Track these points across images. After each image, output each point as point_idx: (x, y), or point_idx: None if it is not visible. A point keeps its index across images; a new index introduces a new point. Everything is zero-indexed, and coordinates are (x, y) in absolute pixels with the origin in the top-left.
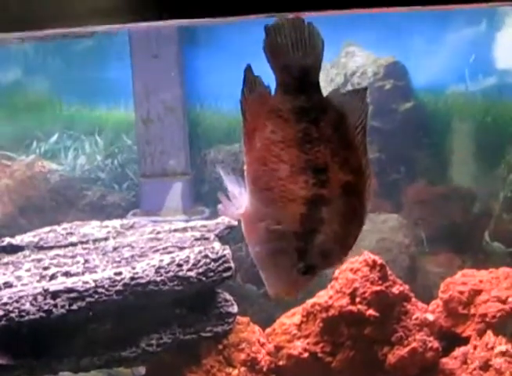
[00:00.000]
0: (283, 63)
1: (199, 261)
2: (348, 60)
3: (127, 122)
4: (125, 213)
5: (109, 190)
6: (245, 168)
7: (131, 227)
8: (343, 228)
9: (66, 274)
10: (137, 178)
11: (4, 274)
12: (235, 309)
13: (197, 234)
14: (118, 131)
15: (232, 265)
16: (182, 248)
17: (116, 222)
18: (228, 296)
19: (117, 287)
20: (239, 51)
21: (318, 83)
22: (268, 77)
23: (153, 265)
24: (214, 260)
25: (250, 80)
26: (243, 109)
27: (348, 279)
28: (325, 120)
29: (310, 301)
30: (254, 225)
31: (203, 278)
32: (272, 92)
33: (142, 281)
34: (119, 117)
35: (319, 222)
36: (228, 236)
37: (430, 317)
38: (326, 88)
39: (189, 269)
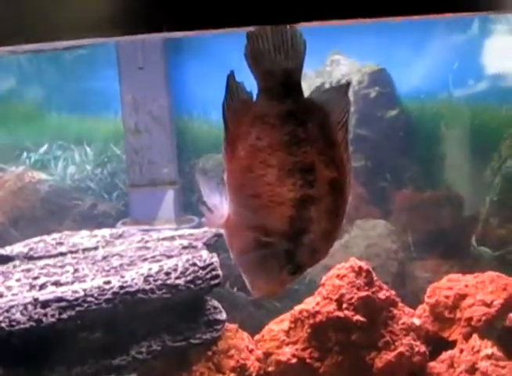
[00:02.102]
0: (265, 68)
1: (187, 269)
2: (333, 69)
3: (116, 132)
4: (115, 222)
5: (99, 200)
6: (225, 177)
7: (121, 236)
8: (329, 224)
9: (56, 283)
10: (126, 187)
11: None
12: (223, 315)
13: (185, 243)
14: (107, 141)
15: (219, 272)
16: (170, 257)
17: (105, 232)
18: (216, 303)
19: (107, 296)
20: (226, 59)
21: (300, 85)
22: (251, 84)
23: (142, 274)
24: (202, 268)
25: (233, 87)
26: (225, 117)
27: (335, 285)
28: (310, 120)
29: (298, 308)
30: (239, 234)
31: (192, 286)
32: (254, 98)
33: (131, 290)
34: (108, 126)
35: (308, 222)
36: (217, 243)
37: (417, 322)
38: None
39: (178, 277)
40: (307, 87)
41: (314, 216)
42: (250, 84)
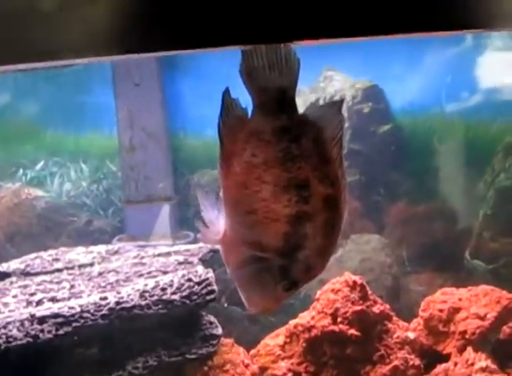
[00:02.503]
0: (260, 85)
1: (182, 284)
2: (327, 85)
3: (111, 148)
4: (111, 238)
5: (94, 216)
6: (221, 193)
7: (116, 252)
8: (325, 240)
9: (53, 300)
10: (122, 203)
11: None
12: (219, 330)
13: (181, 258)
14: (103, 158)
15: (215, 287)
16: (165, 272)
17: (101, 248)
18: (212, 318)
19: (103, 312)
20: (221, 76)
21: (295, 101)
22: (246, 101)
23: (138, 290)
24: (198, 283)
25: (228, 103)
26: (221, 133)
27: (330, 299)
28: (305, 136)
29: (293, 322)
30: (235, 249)
31: (187, 301)
32: (249, 114)
33: (127, 305)
34: (103, 143)
35: (303, 238)
36: (212, 259)
37: (411, 335)
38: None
39: (173, 293)
40: (302, 103)
41: (309, 232)
42: (246, 100)
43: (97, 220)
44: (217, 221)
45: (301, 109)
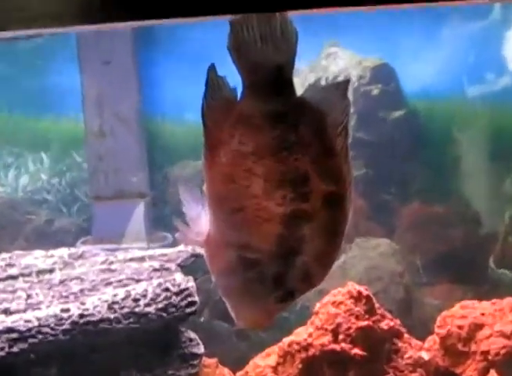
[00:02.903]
0: (251, 62)
1: (158, 295)
2: (330, 63)
3: (76, 136)
4: (75, 240)
5: (56, 214)
6: (205, 187)
7: (81, 257)
8: (326, 244)
9: (6, 312)
10: (88, 200)
11: None
12: (201, 349)
13: (156, 264)
14: (66, 147)
15: (196, 299)
16: (138, 281)
17: (63, 251)
18: (192, 335)
19: (64, 326)
20: (206, 52)
21: (292, 81)
22: (235, 81)
23: (106, 301)
24: (176, 294)
25: (214, 82)
26: (205, 117)
27: (330, 313)
28: (304, 122)
29: (287, 340)
30: (221, 253)
31: (164, 314)
32: (238, 96)
33: (93, 319)
34: (67, 129)
35: (300, 242)
36: (194, 265)
37: (426, 356)
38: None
39: (147, 305)
40: (299, 84)
41: (307, 235)
42: (234, 80)
43: (59, 219)
44: (200, 219)
45: (299, 91)
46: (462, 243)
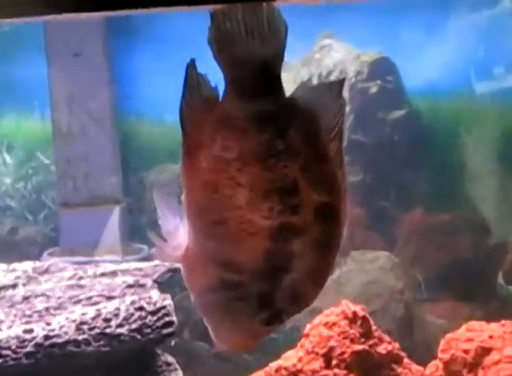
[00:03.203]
0: (234, 56)
1: (132, 314)
2: (324, 56)
3: (44, 135)
4: (42, 252)
5: (21, 222)
6: (183, 196)
7: (47, 271)
8: (317, 260)
9: None
10: (56, 207)
11: None
12: (179, 374)
13: (130, 280)
14: (32, 147)
15: (174, 319)
16: (110, 298)
17: (27, 265)
18: (170, 358)
19: (27, 349)
20: (185, 45)
21: (280, 79)
22: (217, 78)
23: (74, 321)
24: (152, 313)
25: (193, 80)
26: (183, 118)
27: (322, 336)
28: (293, 126)
29: (274, 364)
30: (200, 269)
31: (138, 336)
32: (220, 95)
33: (60, 341)
34: (33, 128)
35: (289, 258)
36: (172, 281)
37: None
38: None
39: (120, 325)
40: (291, 80)
41: (297, 250)
42: (216, 77)
43: (24, 228)
44: (177, 232)
45: (289, 88)
46: (468, 255)
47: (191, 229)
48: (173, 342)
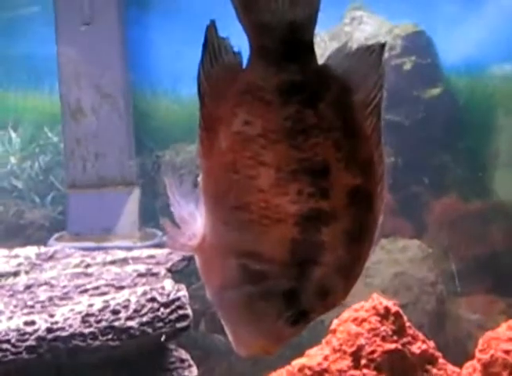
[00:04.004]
0: (262, 20)
1: (143, 306)
2: (354, 29)
3: (52, 112)
4: (49, 237)
5: (27, 205)
6: (201, 178)
7: (52, 258)
8: (349, 253)
9: None
10: (65, 188)
11: None
12: (193, 371)
13: (142, 268)
14: (40, 125)
15: (189, 311)
16: (119, 288)
17: (30, 251)
18: (184, 354)
19: (29, 342)
20: (207, 10)
21: (312, 46)
22: (242, 42)
23: (79, 312)
24: (165, 305)
25: (214, 45)
26: (202, 89)
27: (351, 333)
28: (325, 98)
29: (297, 363)
30: (219, 262)
31: (149, 330)
32: (244, 63)
33: (64, 334)
34: (41, 105)
35: (318, 249)
36: (187, 270)
37: None
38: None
39: (129, 318)
40: (318, 54)
41: (326, 241)
42: (240, 42)
43: (30, 211)
44: (193, 219)
45: (319, 59)
46: (505, 245)
47: (208, 215)
48: (189, 335)
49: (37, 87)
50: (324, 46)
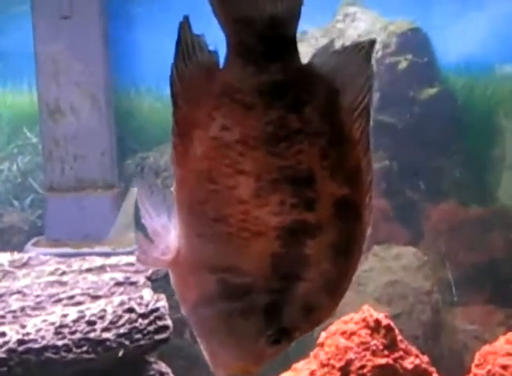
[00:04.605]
0: (239, 13)
1: (120, 317)
2: (347, 26)
3: (32, 111)
4: (29, 241)
5: (5, 208)
6: (174, 188)
7: (25, 265)
8: (335, 267)
9: None
10: (44, 190)
11: None
12: None
13: (120, 276)
14: (19, 125)
15: (168, 322)
16: (95, 298)
17: (3, 258)
18: (164, 367)
19: None
20: (191, 8)
21: (295, 43)
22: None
23: (53, 323)
24: (143, 316)
25: (187, 42)
26: (175, 90)
27: (340, 347)
28: (310, 101)
29: None
30: (195, 278)
31: (126, 342)
32: (221, 62)
33: (36, 346)
34: (20, 104)
35: (302, 264)
36: (168, 278)
37: None
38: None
39: (106, 329)
40: (309, 52)
41: (311, 254)
42: (217, 39)
43: (8, 214)
44: (166, 232)
45: (305, 58)
46: (504, 253)
47: (182, 228)
48: (173, 345)
49: (15, 84)
50: (315, 44)
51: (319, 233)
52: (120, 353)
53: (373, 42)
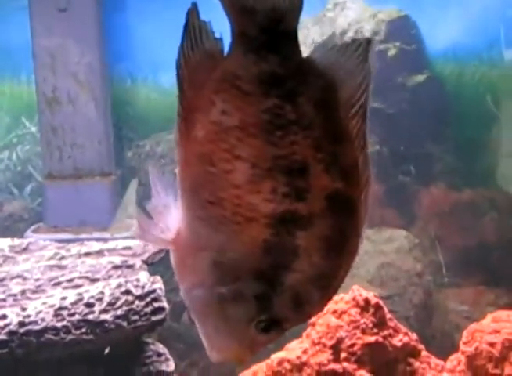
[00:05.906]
0: (244, 5)
1: (117, 299)
2: (337, 15)
3: (30, 100)
4: (29, 228)
5: (5, 196)
6: (178, 170)
7: (25, 250)
8: (327, 261)
9: None
10: (43, 179)
11: None
12: (171, 366)
13: (117, 260)
14: (18, 114)
15: (164, 304)
16: (93, 280)
17: (3, 243)
18: (161, 348)
19: (0, 337)
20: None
21: (296, 36)
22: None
23: (52, 305)
24: (139, 297)
25: (194, 29)
26: (181, 75)
27: (330, 325)
28: (306, 93)
29: (276, 357)
30: (191, 258)
31: (124, 323)
32: (225, 50)
33: (36, 328)
34: (19, 94)
35: (292, 254)
36: (164, 261)
37: None
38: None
39: (104, 311)
40: (300, 41)
41: (301, 245)
42: (224, 28)
43: (9, 202)
44: (167, 211)
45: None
46: (495, 236)
47: (184, 209)
48: (171, 328)
49: (14, 75)
50: (307, 32)
51: (311, 224)
52: (106, 350)
53: (370, 40)
